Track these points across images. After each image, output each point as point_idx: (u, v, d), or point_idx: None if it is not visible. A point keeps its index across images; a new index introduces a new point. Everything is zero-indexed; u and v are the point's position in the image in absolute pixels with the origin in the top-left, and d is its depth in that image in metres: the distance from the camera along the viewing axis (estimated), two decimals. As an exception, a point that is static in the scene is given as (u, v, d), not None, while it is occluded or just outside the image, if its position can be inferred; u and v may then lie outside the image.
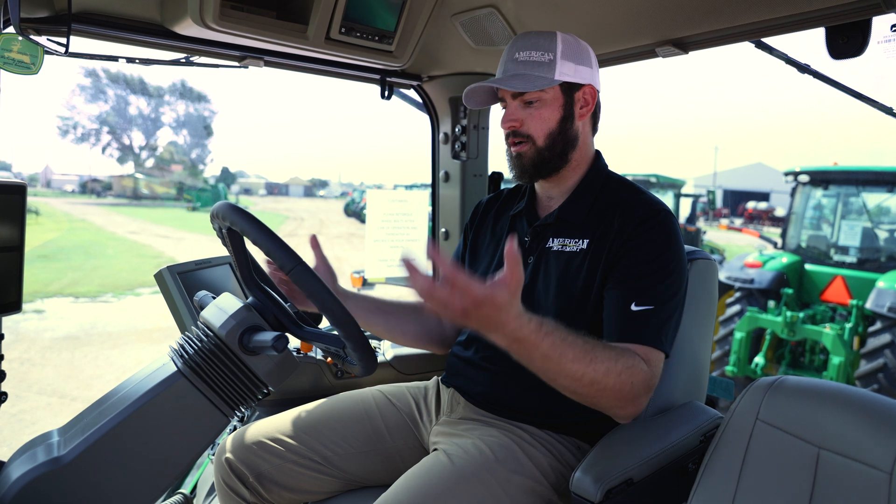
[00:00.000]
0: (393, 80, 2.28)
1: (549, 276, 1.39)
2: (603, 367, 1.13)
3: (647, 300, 1.27)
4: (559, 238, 1.42)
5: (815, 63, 1.72)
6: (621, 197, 1.41)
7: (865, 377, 5.45)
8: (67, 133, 56.25)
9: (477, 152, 2.48)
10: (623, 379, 1.16)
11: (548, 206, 1.50)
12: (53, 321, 8.58)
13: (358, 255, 15.65)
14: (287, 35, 1.58)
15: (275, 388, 1.28)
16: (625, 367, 1.16)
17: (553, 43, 1.38)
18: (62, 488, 1.09)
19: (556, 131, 1.40)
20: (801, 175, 7.17)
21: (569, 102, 1.41)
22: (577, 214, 1.42)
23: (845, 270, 6.61)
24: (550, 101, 1.39)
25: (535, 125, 1.40)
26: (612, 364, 1.15)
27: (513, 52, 1.41)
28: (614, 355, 1.16)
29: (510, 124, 1.41)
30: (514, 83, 1.36)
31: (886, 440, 1.01)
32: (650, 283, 1.29)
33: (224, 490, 1.47)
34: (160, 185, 49.31)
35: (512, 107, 1.42)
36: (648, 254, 1.31)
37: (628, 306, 1.27)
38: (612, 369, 1.15)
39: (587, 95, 1.43)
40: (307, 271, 1.13)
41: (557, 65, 1.37)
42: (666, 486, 1.30)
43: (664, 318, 1.28)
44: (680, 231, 1.39)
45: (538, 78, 1.37)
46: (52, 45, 1.47)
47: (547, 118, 1.40)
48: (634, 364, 1.19)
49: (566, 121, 1.41)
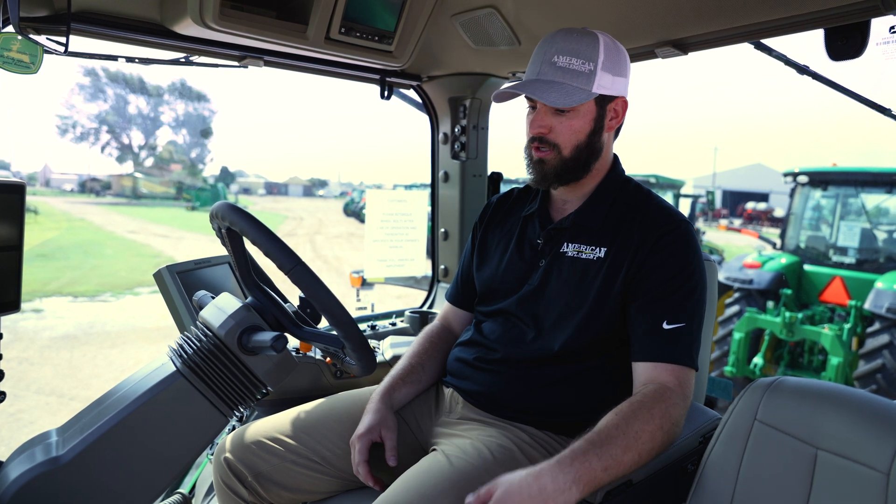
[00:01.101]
0: (392, 80, 2.28)
1: (562, 281, 1.38)
2: (647, 434, 1.14)
3: (678, 318, 1.27)
4: (575, 244, 1.40)
5: (813, 64, 1.73)
6: (639, 205, 1.39)
7: (864, 378, 5.47)
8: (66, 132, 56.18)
9: (476, 152, 2.48)
10: (666, 428, 1.17)
11: (562, 210, 1.48)
12: (52, 320, 8.57)
13: (357, 254, 15.64)
14: (287, 35, 1.58)
15: (274, 387, 1.28)
16: (661, 417, 1.16)
17: (595, 51, 1.32)
18: (61, 488, 1.09)
19: (584, 143, 1.37)
20: (800, 176, 7.18)
21: (601, 115, 1.37)
22: (594, 220, 1.40)
23: (844, 271, 6.62)
24: (584, 113, 1.35)
25: (564, 135, 1.36)
26: (652, 425, 1.15)
27: (552, 52, 1.34)
28: (647, 415, 1.15)
29: (539, 130, 1.36)
30: (552, 96, 1.31)
31: (884, 441, 1.02)
32: (679, 300, 1.29)
33: (223, 489, 1.47)
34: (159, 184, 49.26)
35: (542, 112, 1.37)
36: (673, 269, 1.30)
37: (660, 325, 1.27)
38: (655, 430, 1.15)
39: (618, 107, 1.40)
40: (306, 271, 1.13)
41: (597, 77, 1.32)
42: (665, 488, 1.30)
43: (694, 333, 1.29)
44: (698, 239, 1.38)
45: (576, 90, 1.31)
46: (51, 45, 1.47)
47: (577, 130, 1.36)
48: (667, 408, 1.18)
49: (595, 134, 1.38)
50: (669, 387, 1.23)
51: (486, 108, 2.47)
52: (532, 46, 1.92)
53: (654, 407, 1.17)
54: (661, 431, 1.16)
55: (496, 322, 1.48)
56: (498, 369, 1.42)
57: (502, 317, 1.47)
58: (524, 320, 1.42)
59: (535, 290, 1.41)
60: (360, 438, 1.37)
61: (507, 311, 1.46)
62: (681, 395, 1.23)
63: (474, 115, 2.44)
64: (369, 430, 1.38)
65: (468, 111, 2.42)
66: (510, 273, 1.48)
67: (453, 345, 1.62)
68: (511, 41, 1.88)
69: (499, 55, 2.04)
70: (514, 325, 1.44)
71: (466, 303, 1.65)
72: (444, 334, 1.66)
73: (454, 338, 1.65)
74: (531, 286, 1.42)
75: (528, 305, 1.42)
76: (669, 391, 1.21)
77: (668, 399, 1.20)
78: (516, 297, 1.44)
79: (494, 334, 1.46)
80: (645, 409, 1.17)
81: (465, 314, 1.67)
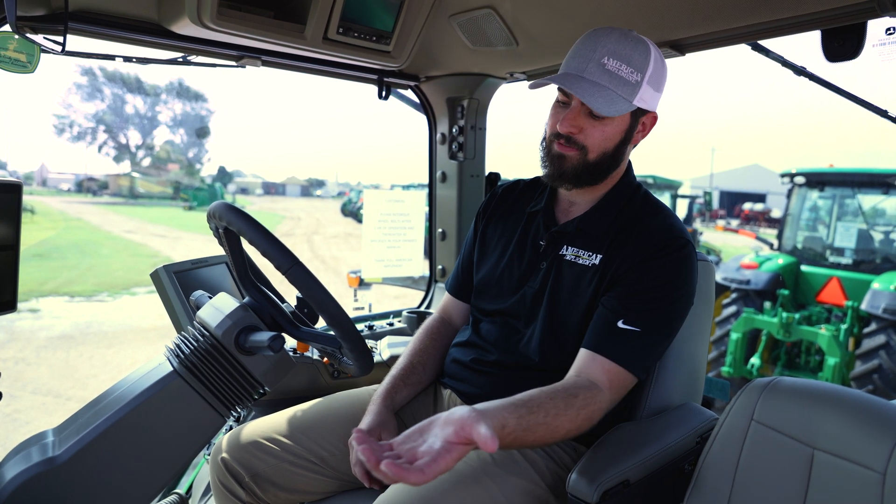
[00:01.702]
0: (390, 81, 2.28)
1: (560, 285, 1.37)
2: (563, 431, 1.13)
3: (636, 322, 1.25)
4: (573, 247, 1.38)
5: (810, 66, 1.73)
6: (642, 218, 1.36)
7: (860, 378, 5.48)
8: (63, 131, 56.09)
9: (474, 153, 2.48)
10: (581, 424, 1.15)
11: (568, 212, 1.46)
12: (48, 320, 8.55)
13: (354, 255, 15.63)
14: (285, 35, 1.58)
15: (271, 388, 1.28)
16: (584, 419, 1.15)
17: (646, 62, 1.27)
18: (57, 488, 1.09)
19: (610, 152, 1.33)
20: (798, 177, 7.21)
21: (632, 127, 1.34)
22: (598, 227, 1.38)
23: (841, 272, 6.64)
24: (618, 122, 1.31)
25: (594, 139, 1.31)
26: (573, 425, 1.14)
27: (603, 51, 1.27)
28: (574, 413, 1.14)
29: (570, 129, 1.31)
30: (598, 102, 1.25)
31: (880, 441, 1.02)
32: (646, 306, 1.27)
33: (220, 490, 1.47)
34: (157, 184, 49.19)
35: (577, 111, 1.31)
36: (655, 280, 1.28)
37: (615, 322, 1.26)
38: (572, 429, 1.14)
39: (647, 121, 1.37)
40: (303, 271, 1.13)
41: (642, 89, 1.28)
42: (662, 488, 1.30)
43: (648, 343, 1.26)
44: (696, 264, 1.35)
45: (620, 100, 1.26)
46: (48, 44, 1.46)
47: (608, 137, 1.32)
48: (594, 410, 1.17)
49: (623, 144, 1.35)
50: (599, 386, 1.21)
51: (484, 109, 2.47)
52: (530, 46, 1.93)
53: (584, 408, 1.15)
54: (579, 431, 1.15)
55: (494, 324, 1.48)
56: (495, 372, 1.42)
57: (501, 318, 1.47)
58: (522, 323, 1.42)
59: (536, 294, 1.40)
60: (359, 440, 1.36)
61: (506, 313, 1.45)
62: (607, 397, 1.21)
63: (472, 116, 2.44)
64: (370, 432, 1.37)
65: (466, 111, 2.42)
66: (510, 273, 1.47)
67: (453, 339, 1.61)
68: (509, 42, 1.88)
69: (496, 55, 2.04)
70: (511, 327, 1.44)
71: (466, 294, 1.63)
72: (443, 328, 1.64)
73: (454, 331, 1.64)
74: (532, 289, 1.41)
75: (527, 308, 1.41)
76: (599, 391, 1.19)
77: (596, 401, 1.18)
78: (516, 299, 1.43)
79: (492, 336, 1.46)
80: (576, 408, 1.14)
81: (465, 306, 1.65)
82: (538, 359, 1.37)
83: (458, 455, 0.90)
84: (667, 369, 1.42)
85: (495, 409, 1.04)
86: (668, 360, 1.43)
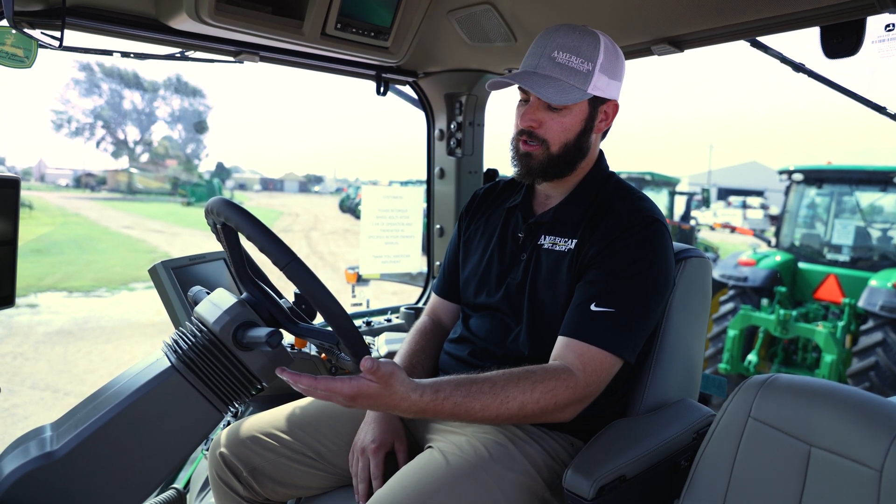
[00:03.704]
0: (388, 77, 2.27)
1: (540, 274, 1.39)
2: (517, 403, 1.14)
3: (609, 302, 1.26)
4: (551, 236, 1.41)
5: (809, 62, 1.73)
6: (613, 203, 1.39)
7: (857, 375, 5.49)
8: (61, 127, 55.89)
9: (472, 149, 2.48)
10: (543, 404, 1.16)
11: (545, 204, 1.49)
12: (47, 315, 8.55)
13: (353, 250, 15.63)
14: (283, 30, 1.58)
15: (268, 383, 1.28)
16: (543, 392, 1.16)
17: (596, 51, 1.32)
18: (55, 483, 1.09)
19: (572, 142, 1.38)
20: (795, 174, 7.21)
21: (592, 116, 1.38)
22: (573, 215, 1.41)
23: (838, 269, 6.65)
24: (576, 112, 1.36)
25: (553, 132, 1.36)
26: (527, 396, 1.15)
27: (552, 46, 1.33)
28: (529, 386, 1.16)
29: (529, 124, 1.37)
30: (549, 91, 1.30)
31: (877, 438, 1.02)
32: (618, 286, 1.28)
33: (218, 485, 1.47)
34: (155, 179, 49.08)
35: (535, 106, 1.37)
36: (624, 259, 1.29)
37: (588, 305, 1.27)
38: (527, 401, 1.15)
39: (609, 110, 1.40)
40: (301, 267, 1.13)
41: (594, 77, 1.32)
42: (658, 483, 1.31)
43: (623, 323, 1.26)
44: (669, 242, 1.37)
45: (572, 89, 1.32)
46: (46, 39, 1.46)
47: (568, 128, 1.36)
48: (556, 385, 1.18)
49: (584, 134, 1.38)
50: (571, 368, 1.21)
51: (482, 105, 2.47)
52: (528, 43, 1.92)
53: (542, 381, 1.17)
54: (536, 405, 1.16)
55: (483, 318, 1.48)
56: (489, 365, 1.42)
57: (489, 313, 1.47)
58: (510, 316, 1.42)
59: (519, 285, 1.42)
60: (376, 453, 1.37)
61: (493, 307, 1.46)
62: (582, 379, 1.21)
63: (470, 112, 2.44)
64: (383, 444, 1.38)
65: (464, 108, 2.41)
66: (493, 268, 1.48)
67: (444, 338, 1.62)
68: (507, 38, 1.88)
69: (495, 52, 2.04)
70: (500, 321, 1.44)
71: (454, 294, 1.65)
72: (434, 329, 1.66)
73: (445, 332, 1.65)
74: (514, 280, 1.43)
75: (513, 301, 1.42)
76: (568, 373, 1.20)
77: (561, 379, 1.19)
78: (501, 293, 1.44)
79: (482, 331, 1.47)
80: (531, 381, 1.17)
81: (454, 306, 1.67)
82: (528, 351, 1.38)
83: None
84: (664, 365, 1.43)
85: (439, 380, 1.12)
86: (665, 356, 1.43)
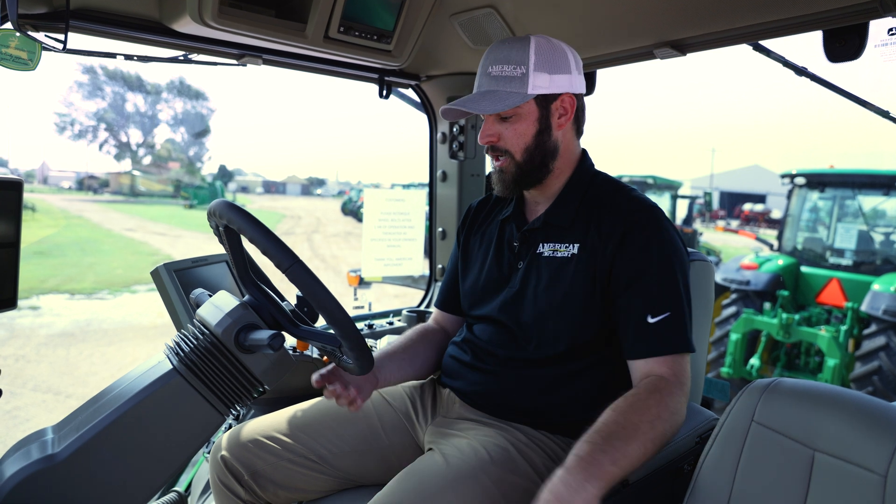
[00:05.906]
0: (391, 80, 2.28)
1: (541, 282, 1.39)
2: (649, 433, 1.14)
3: (662, 308, 1.27)
4: (549, 243, 1.41)
5: (812, 66, 1.73)
6: (606, 197, 1.39)
7: (860, 379, 5.48)
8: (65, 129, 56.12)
9: (475, 152, 2.48)
10: (664, 417, 1.17)
11: (535, 211, 1.49)
12: (49, 318, 8.56)
13: (355, 253, 15.63)
14: (286, 33, 1.58)
15: (270, 386, 1.28)
16: (658, 409, 1.17)
17: (525, 54, 1.33)
18: (56, 486, 1.09)
19: (532, 145, 1.38)
20: (798, 178, 7.21)
21: (544, 115, 1.38)
22: (564, 218, 1.41)
23: (841, 273, 6.64)
24: (525, 115, 1.36)
25: (511, 140, 1.38)
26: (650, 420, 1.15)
27: (486, 65, 1.37)
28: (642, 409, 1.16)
29: (487, 139, 1.40)
30: (484, 104, 1.33)
31: (881, 443, 1.02)
32: (658, 290, 1.28)
33: (219, 488, 1.47)
34: (157, 182, 49.19)
35: (488, 122, 1.39)
36: (648, 258, 1.30)
37: (644, 320, 1.27)
38: (654, 422, 1.15)
39: (565, 104, 1.39)
40: (304, 269, 1.13)
41: (530, 78, 1.33)
42: (661, 488, 1.30)
43: (681, 319, 1.28)
44: (671, 223, 1.38)
45: (509, 95, 1.34)
46: (49, 42, 1.46)
47: (522, 133, 1.37)
48: (662, 397, 1.19)
49: (542, 134, 1.39)
50: (664, 377, 1.23)
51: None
52: (531, 46, 1.93)
53: (648, 398, 1.18)
54: (660, 420, 1.16)
55: (485, 325, 1.49)
56: (492, 369, 1.43)
57: (490, 322, 1.48)
58: (509, 324, 1.42)
59: (517, 294, 1.42)
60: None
61: (492, 317, 1.46)
62: (676, 383, 1.23)
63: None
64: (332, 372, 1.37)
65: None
66: (491, 278, 1.49)
67: (446, 344, 1.63)
68: (510, 41, 1.88)
69: (498, 55, 2.04)
70: (503, 327, 1.44)
71: (456, 307, 1.65)
72: (438, 331, 1.67)
73: (447, 338, 1.66)
74: (512, 289, 1.43)
75: (511, 310, 1.42)
76: (664, 381, 1.22)
77: (662, 389, 1.20)
78: (499, 302, 1.44)
79: (486, 335, 1.47)
80: (640, 401, 1.17)
81: (457, 318, 1.68)
82: (531, 353, 1.38)
83: None
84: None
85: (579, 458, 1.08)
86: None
